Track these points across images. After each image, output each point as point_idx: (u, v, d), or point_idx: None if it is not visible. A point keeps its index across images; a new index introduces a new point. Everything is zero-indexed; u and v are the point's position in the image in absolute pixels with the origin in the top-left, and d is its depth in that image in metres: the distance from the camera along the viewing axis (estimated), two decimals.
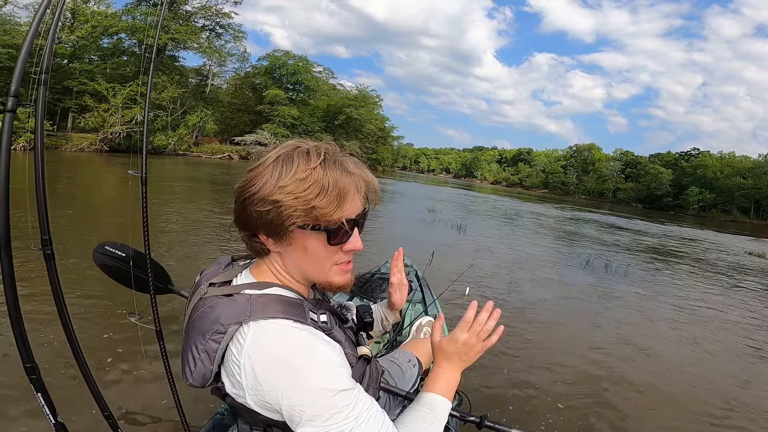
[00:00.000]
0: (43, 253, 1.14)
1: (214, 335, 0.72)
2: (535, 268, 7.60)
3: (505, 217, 17.87)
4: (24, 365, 1.07)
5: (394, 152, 71.22)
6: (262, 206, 0.73)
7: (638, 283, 7.53)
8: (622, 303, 6.09)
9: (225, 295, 0.77)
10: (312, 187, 0.72)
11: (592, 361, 3.80)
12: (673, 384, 3.55)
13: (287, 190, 0.71)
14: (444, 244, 8.52)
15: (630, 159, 74.87)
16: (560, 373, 3.41)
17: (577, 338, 4.39)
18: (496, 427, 1.18)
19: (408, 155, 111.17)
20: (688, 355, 4.34)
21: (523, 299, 5.46)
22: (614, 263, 9.05)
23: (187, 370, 0.76)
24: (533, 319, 4.70)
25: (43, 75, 1.04)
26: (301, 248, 0.78)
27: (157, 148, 28.43)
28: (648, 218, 33.72)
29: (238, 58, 41.47)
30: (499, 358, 3.47)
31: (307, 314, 0.76)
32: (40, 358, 1.13)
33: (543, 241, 11.89)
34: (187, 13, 31.94)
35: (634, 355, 4.12)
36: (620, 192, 70.10)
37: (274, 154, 0.75)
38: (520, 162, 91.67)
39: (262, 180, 0.73)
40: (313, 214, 0.73)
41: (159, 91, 27.97)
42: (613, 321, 5.13)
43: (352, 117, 46.15)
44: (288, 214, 0.72)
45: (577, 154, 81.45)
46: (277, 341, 0.70)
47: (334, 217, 0.74)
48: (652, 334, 4.86)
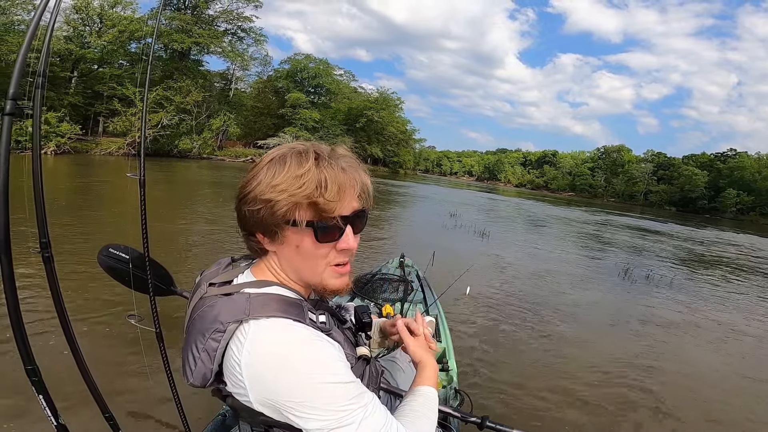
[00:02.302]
0: (42, 256, 1.14)
1: (214, 334, 0.72)
2: (567, 278, 7.05)
3: (531, 221, 17.15)
4: (25, 367, 1.07)
5: (415, 155, 70.87)
6: (254, 205, 0.74)
7: (686, 296, 6.86)
8: (662, 319, 5.48)
9: (224, 294, 0.77)
10: (308, 183, 0.72)
11: (616, 376, 3.55)
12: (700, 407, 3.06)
13: (279, 189, 0.72)
14: (465, 251, 8.05)
15: (662, 160, 72.31)
16: (578, 383, 3.29)
17: (606, 352, 4.03)
18: (498, 427, 1.16)
19: (430, 158, 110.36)
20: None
21: (551, 307, 5.20)
22: (656, 273, 8.34)
23: (187, 370, 0.76)
24: (557, 329, 4.46)
25: (40, 78, 1.04)
26: (293, 247, 0.78)
27: (182, 151, 28.83)
28: (684, 222, 32.24)
29: (260, 62, 42.05)
30: (508, 361, 3.36)
31: (306, 314, 0.76)
32: (40, 361, 1.13)
33: (574, 247, 11.22)
34: (210, 17, 32.46)
35: (668, 371, 3.73)
36: (652, 194, 67.94)
37: (268, 156, 0.77)
38: (545, 164, 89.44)
39: (257, 180, 0.75)
40: (306, 210, 0.74)
41: (183, 95, 28.40)
42: (648, 337, 4.61)
43: (373, 120, 46.07)
44: (281, 212, 0.73)
45: (605, 155, 78.93)
46: (277, 339, 0.70)
47: (332, 213, 0.74)
48: (693, 356, 4.28)
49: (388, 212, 13.80)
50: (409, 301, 2.66)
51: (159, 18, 15.05)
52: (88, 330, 3.02)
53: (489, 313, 4.62)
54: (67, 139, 21.83)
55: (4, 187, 0.97)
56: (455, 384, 1.93)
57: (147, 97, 1.54)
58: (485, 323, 4.32)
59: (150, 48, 1.52)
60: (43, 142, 20.84)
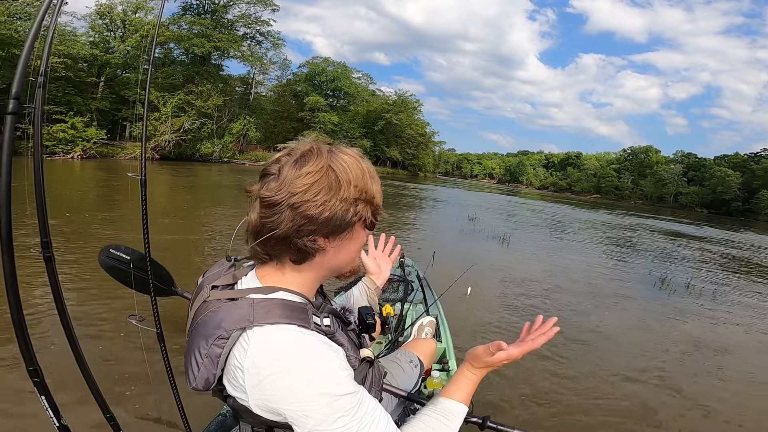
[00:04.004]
0: (43, 256, 1.14)
1: (218, 340, 0.72)
2: (598, 286, 6.54)
3: (556, 225, 16.42)
4: (27, 368, 1.08)
5: (435, 157, 70.30)
6: (344, 206, 0.73)
7: (738, 309, 6.24)
8: (717, 342, 4.93)
9: (228, 299, 0.77)
10: (367, 177, 0.76)
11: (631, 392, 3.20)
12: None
13: (353, 184, 0.73)
14: (482, 260, 7.61)
15: (693, 161, 69.79)
16: (594, 394, 3.12)
17: (631, 367, 3.58)
18: (499, 428, 1.15)
19: (450, 160, 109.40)
20: None
21: (571, 311, 4.96)
22: (697, 282, 7.69)
23: (190, 375, 0.76)
24: (581, 336, 4.19)
25: (41, 78, 1.04)
26: (356, 240, 0.80)
27: (203, 155, 29.19)
28: (718, 225, 30.77)
29: (279, 66, 42.40)
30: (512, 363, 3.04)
31: (310, 318, 0.76)
32: (42, 361, 1.13)
33: (602, 252, 10.58)
34: (228, 21, 32.89)
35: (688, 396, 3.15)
36: (682, 196, 65.67)
37: (318, 162, 0.73)
38: (569, 166, 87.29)
39: (347, 177, 0.73)
40: (368, 204, 0.77)
41: (204, 99, 28.76)
42: (703, 364, 4.06)
43: (391, 122, 45.90)
44: (357, 209, 0.75)
45: (632, 156, 76.49)
46: (280, 347, 0.70)
47: (374, 206, 0.78)
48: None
49: (402, 215, 13.44)
50: (409, 301, 2.65)
51: (159, 18, 15.15)
52: (89, 331, 3.04)
53: (493, 314, 4.51)
54: (92, 143, 22.31)
55: (6, 187, 0.97)
56: None
57: (147, 99, 1.57)
58: (488, 324, 4.21)
59: (149, 48, 1.53)
60: (69, 147, 21.39)
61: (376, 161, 48.62)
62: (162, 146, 26.57)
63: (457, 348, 2.46)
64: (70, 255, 4.71)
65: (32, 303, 3.20)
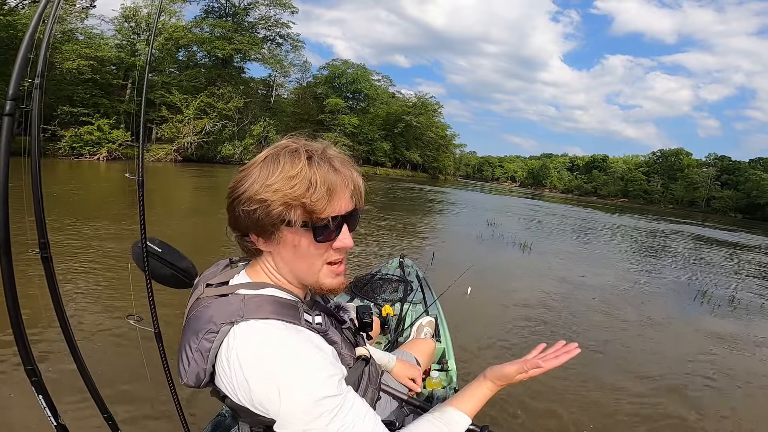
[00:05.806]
0: (40, 256, 1.14)
1: (207, 334, 0.73)
2: (631, 299, 6.03)
3: (583, 231, 15.66)
4: (25, 368, 1.08)
5: (455, 160, 69.48)
6: (249, 205, 0.73)
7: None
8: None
9: (220, 295, 0.78)
10: (299, 184, 0.72)
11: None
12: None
13: (274, 188, 0.72)
14: (489, 263, 7.17)
15: (726, 164, 66.81)
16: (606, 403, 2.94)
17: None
18: None
19: (471, 163, 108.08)
20: None
21: (591, 320, 4.49)
22: (744, 296, 7.03)
23: (182, 369, 0.77)
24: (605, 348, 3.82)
25: (38, 78, 1.05)
26: (291, 247, 0.78)
27: (225, 157, 29.48)
28: (754, 229, 29.05)
29: (300, 69, 42.65)
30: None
31: (301, 315, 0.77)
32: (40, 361, 1.14)
33: (634, 259, 9.95)
34: (249, 24, 33.26)
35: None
36: (715, 200, 63.07)
37: (262, 155, 0.76)
38: (594, 169, 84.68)
39: (250, 179, 0.74)
40: (300, 211, 0.73)
41: (225, 101, 29.08)
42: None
43: (411, 125, 45.54)
44: (276, 212, 0.73)
45: (662, 159, 73.75)
46: (263, 342, 0.70)
47: (323, 214, 0.74)
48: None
49: (416, 219, 13.05)
50: (408, 302, 2.64)
51: (158, 19, 15.32)
52: (87, 330, 3.05)
53: (493, 314, 4.48)
54: (117, 145, 22.81)
55: (4, 188, 0.97)
56: (454, 384, 1.85)
57: (144, 100, 1.60)
58: (488, 324, 4.17)
59: (149, 48, 1.55)
60: (95, 148, 21.91)
61: (395, 164, 48.32)
62: (184, 148, 26.98)
63: (456, 348, 2.38)
64: (70, 255, 4.60)
65: (30, 303, 3.10)
